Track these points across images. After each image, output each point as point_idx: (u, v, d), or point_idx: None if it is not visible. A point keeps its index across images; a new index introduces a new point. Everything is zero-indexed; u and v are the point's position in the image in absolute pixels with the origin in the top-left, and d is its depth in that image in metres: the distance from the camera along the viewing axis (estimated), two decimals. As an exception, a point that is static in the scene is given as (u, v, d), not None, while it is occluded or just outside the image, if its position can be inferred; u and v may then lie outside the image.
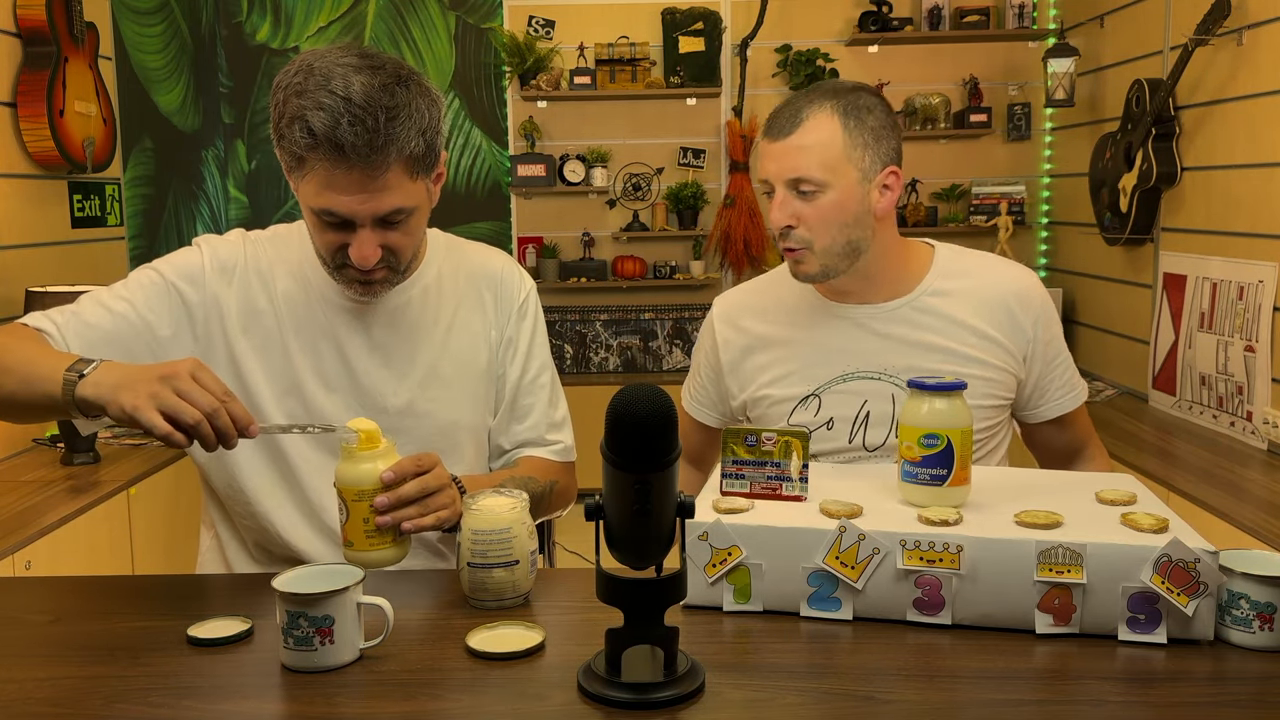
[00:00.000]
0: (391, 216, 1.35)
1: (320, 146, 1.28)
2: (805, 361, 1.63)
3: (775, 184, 1.53)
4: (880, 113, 1.54)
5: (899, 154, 1.57)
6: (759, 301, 1.71)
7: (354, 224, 1.34)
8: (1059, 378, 1.66)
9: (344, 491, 1.25)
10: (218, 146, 4.56)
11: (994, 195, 4.57)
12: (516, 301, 1.60)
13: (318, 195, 1.32)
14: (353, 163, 1.28)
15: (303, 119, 1.28)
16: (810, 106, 1.51)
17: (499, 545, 1.23)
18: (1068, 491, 1.31)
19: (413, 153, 1.32)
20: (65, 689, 1.05)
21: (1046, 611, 1.13)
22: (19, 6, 2.93)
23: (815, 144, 1.50)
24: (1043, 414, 1.67)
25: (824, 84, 1.56)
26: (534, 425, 1.60)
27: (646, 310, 4.74)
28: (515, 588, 1.25)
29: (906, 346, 1.60)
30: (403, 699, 1.03)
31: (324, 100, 1.27)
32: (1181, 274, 3.26)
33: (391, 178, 1.32)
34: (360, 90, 1.28)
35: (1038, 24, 4.45)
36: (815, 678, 1.06)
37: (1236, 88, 2.98)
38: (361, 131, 1.27)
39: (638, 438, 0.96)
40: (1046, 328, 1.63)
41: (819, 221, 1.52)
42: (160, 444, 1.25)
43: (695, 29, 4.50)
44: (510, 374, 1.58)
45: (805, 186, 1.51)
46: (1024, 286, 1.64)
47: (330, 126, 1.26)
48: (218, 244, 1.50)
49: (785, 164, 1.51)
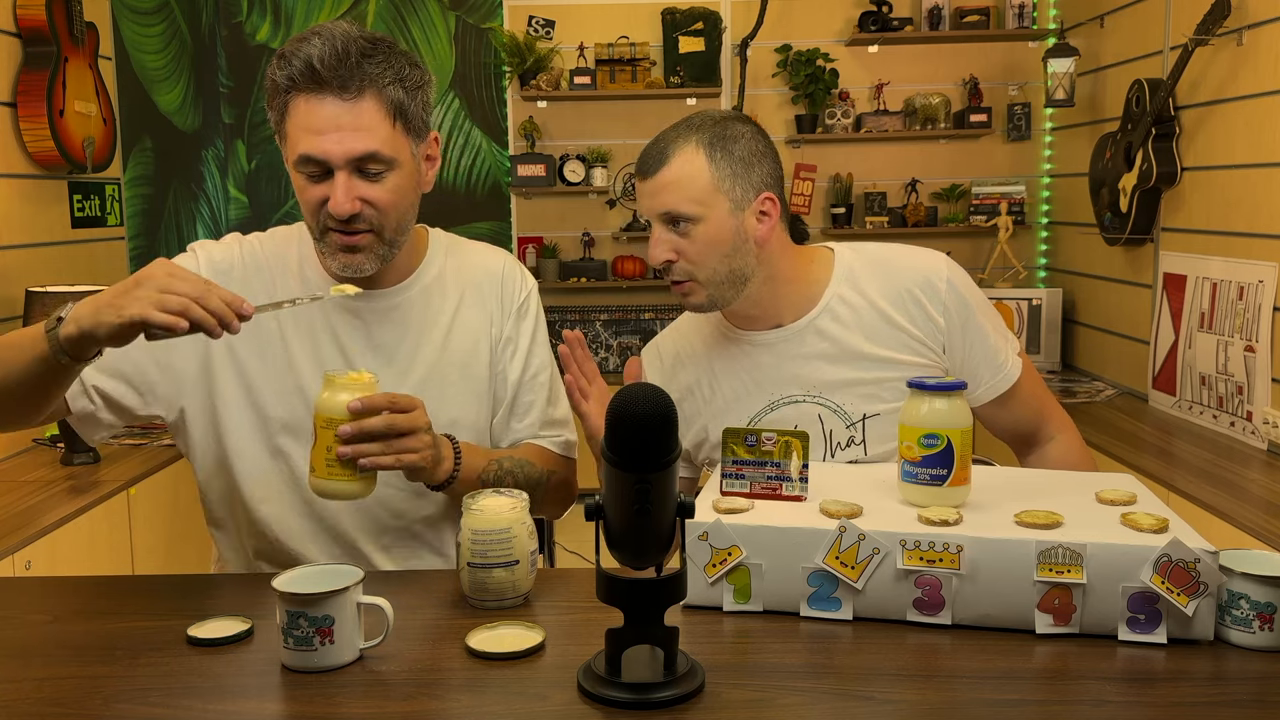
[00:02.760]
0: (368, 164, 1.37)
1: (297, 78, 1.34)
2: (732, 397, 1.63)
3: (651, 220, 1.54)
4: (749, 140, 1.53)
5: (776, 179, 1.56)
6: (680, 347, 1.71)
7: (331, 173, 1.36)
8: (983, 360, 1.60)
9: (316, 418, 1.26)
10: (218, 146, 4.56)
11: (994, 195, 4.56)
12: (517, 300, 1.60)
13: (296, 143, 1.36)
14: (333, 92, 1.33)
15: (283, 57, 1.35)
16: (675, 143, 1.52)
17: (499, 545, 1.23)
18: (1068, 491, 1.31)
19: (391, 97, 1.37)
20: (65, 689, 1.05)
21: (1046, 611, 1.13)
22: (19, 6, 2.93)
23: (682, 178, 1.50)
24: (979, 397, 1.62)
25: (693, 117, 1.56)
26: (533, 423, 1.60)
27: (646, 310, 4.74)
28: (515, 588, 1.25)
29: (825, 361, 1.58)
30: (403, 699, 1.03)
31: (305, 38, 1.35)
32: (1181, 274, 3.26)
33: (366, 114, 1.35)
34: (340, 31, 1.35)
35: (1038, 24, 4.45)
36: (815, 678, 1.06)
37: (1236, 88, 2.98)
38: (335, 55, 1.33)
39: (638, 438, 0.96)
40: (957, 313, 1.58)
41: (697, 254, 1.52)
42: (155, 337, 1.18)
43: (695, 29, 4.50)
44: (510, 372, 1.58)
45: (678, 220, 1.51)
46: (926, 275, 1.59)
47: (306, 55, 1.33)
48: (212, 248, 1.51)
49: (656, 201, 1.52)
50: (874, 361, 1.57)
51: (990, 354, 1.61)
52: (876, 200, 4.63)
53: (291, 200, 4.67)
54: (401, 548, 1.53)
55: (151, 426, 3.19)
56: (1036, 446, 1.70)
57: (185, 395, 1.48)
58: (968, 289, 1.61)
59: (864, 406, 1.57)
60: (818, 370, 1.59)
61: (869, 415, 1.57)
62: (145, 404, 1.47)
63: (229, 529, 1.55)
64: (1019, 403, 1.65)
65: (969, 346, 1.60)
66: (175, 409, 1.49)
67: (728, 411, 1.62)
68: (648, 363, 1.73)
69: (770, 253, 1.56)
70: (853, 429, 1.57)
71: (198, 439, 1.50)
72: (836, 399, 1.58)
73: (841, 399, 1.58)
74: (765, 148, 1.55)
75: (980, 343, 1.60)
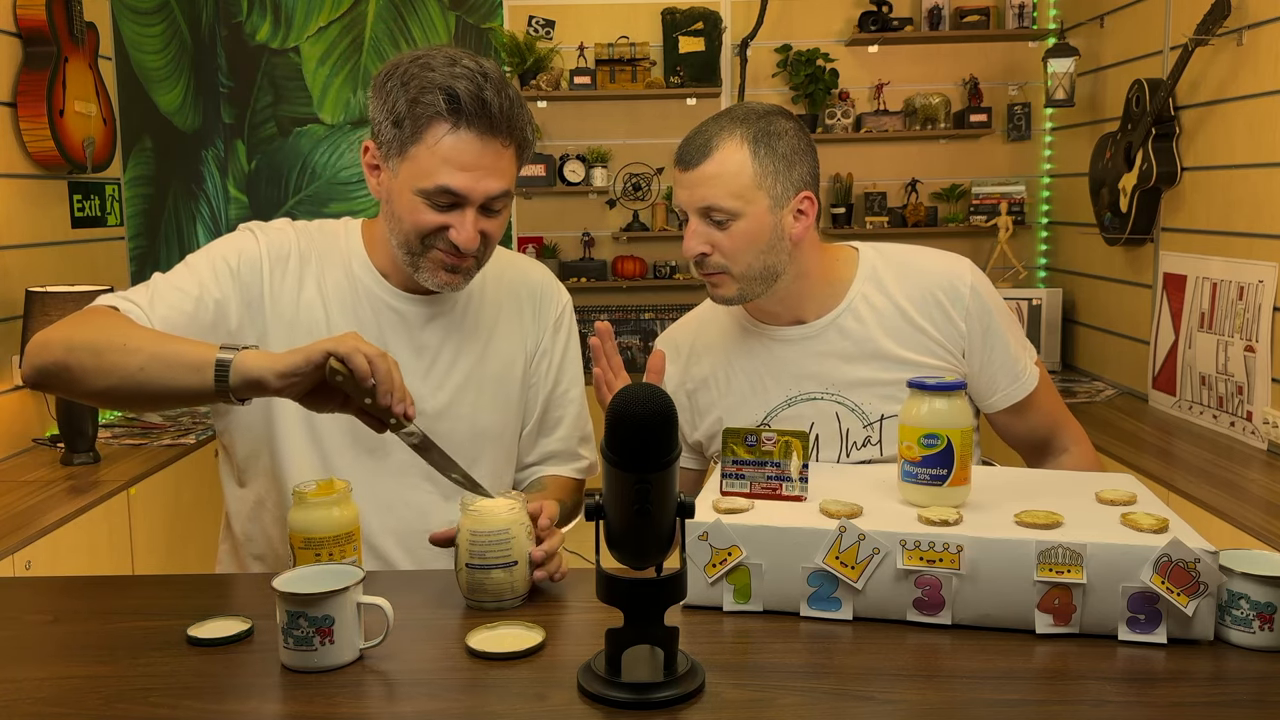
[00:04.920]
0: (496, 201, 1.40)
1: (463, 112, 1.34)
2: (748, 392, 1.62)
3: (688, 212, 1.53)
4: (791, 138, 1.52)
5: (814, 178, 1.56)
6: (697, 336, 1.70)
7: (461, 205, 1.38)
8: (1002, 367, 1.61)
9: (293, 538, 1.25)
10: (218, 146, 4.56)
11: (994, 195, 4.56)
12: (553, 315, 1.61)
13: (435, 172, 1.35)
14: (488, 133, 1.35)
15: (444, 86, 1.34)
16: (720, 136, 1.50)
17: (497, 546, 1.23)
18: (1068, 491, 1.31)
19: (526, 141, 1.41)
20: (65, 689, 1.05)
21: (1046, 611, 1.13)
22: (19, 6, 2.93)
23: (724, 173, 1.49)
24: (995, 404, 1.63)
25: (737, 109, 1.55)
26: (562, 438, 1.61)
27: (646, 310, 4.74)
28: (514, 589, 1.25)
29: (845, 360, 1.58)
30: (403, 699, 1.03)
31: (462, 72, 1.35)
32: (1181, 274, 3.26)
33: (509, 158, 1.39)
34: (494, 70, 1.37)
35: (1038, 24, 4.45)
36: (815, 678, 1.06)
37: (1236, 88, 2.98)
38: (505, 101, 1.35)
39: (638, 438, 0.96)
40: (979, 319, 1.59)
41: (732, 249, 1.51)
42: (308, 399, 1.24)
43: (695, 29, 4.50)
44: (543, 386, 1.59)
45: (717, 215, 1.50)
46: (950, 279, 1.59)
47: (475, 91, 1.33)
48: (272, 233, 1.50)
49: (696, 193, 1.51)
50: (894, 362, 1.57)
51: (1010, 361, 1.62)
52: (876, 200, 4.63)
53: (292, 200, 4.67)
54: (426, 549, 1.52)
55: (152, 426, 3.19)
56: (1050, 457, 1.71)
57: None
58: (990, 295, 1.62)
59: (882, 406, 1.57)
60: (838, 368, 1.59)
61: (887, 415, 1.57)
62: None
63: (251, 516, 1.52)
64: (1035, 411, 1.66)
65: (989, 352, 1.60)
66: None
67: (744, 405, 1.62)
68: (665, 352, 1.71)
69: (802, 251, 1.56)
70: (870, 429, 1.57)
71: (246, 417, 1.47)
72: (855, 398, 1.58)
73: (860, 398, 1.58)
74: (806, 146, 1.55)
75: (1000, 350, 1.61)
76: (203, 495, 3.03)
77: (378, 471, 1.47)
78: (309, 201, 4.68)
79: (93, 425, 2.76)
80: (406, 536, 1.50)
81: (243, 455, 1.50)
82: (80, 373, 1.26)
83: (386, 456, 1.48)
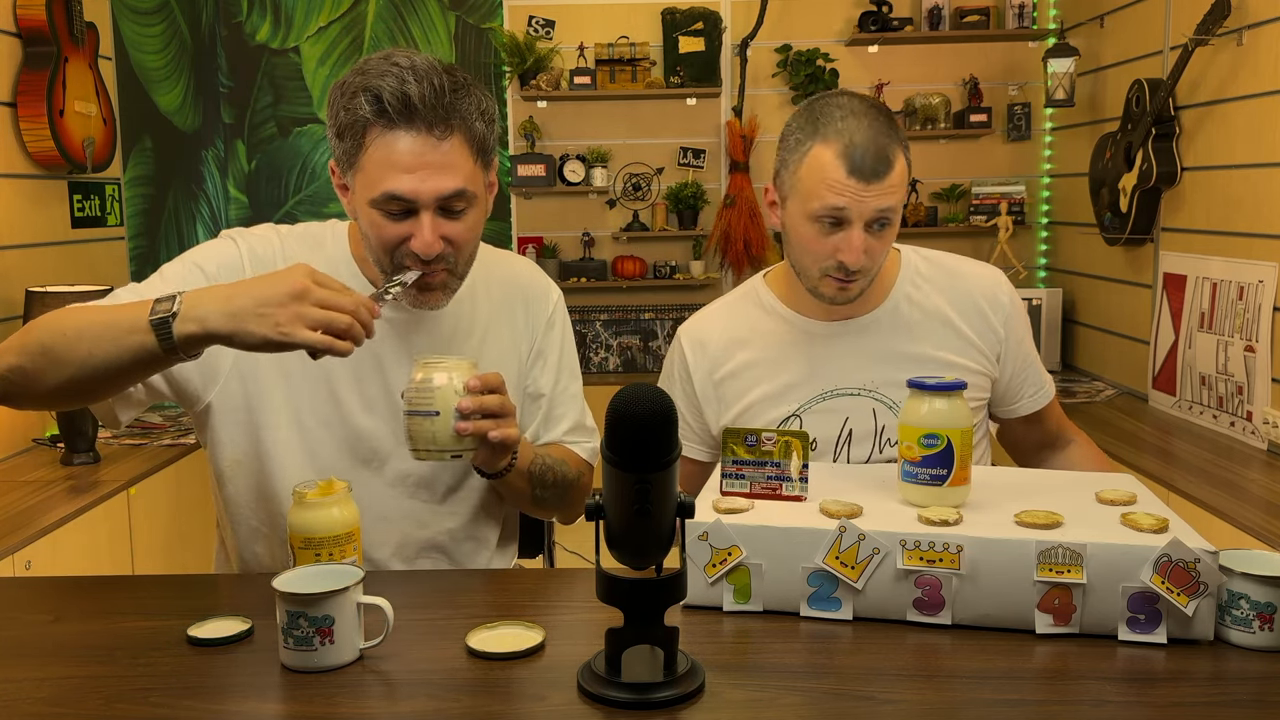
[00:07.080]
0: (453, 201, 1.33)
1: (386, 111, 1.29)
2: (783, 383, 1.62)
3: (855, 221, 1.49)
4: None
5: None
6: (728, 326, 1.68)
7: (415, 210, 1.32)
8: (1029, 376, 1.67)
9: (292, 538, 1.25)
10: (218, 146, 4.56)
11: (994, 195, 4.56)
12: (546, 313, 1.60)
13: (381, 179, 1.30)
14: (418, 128, 1.29)
15: (367, 88, 1.29)
16: (891, 145, 1.48)
17: (422, 395, 1.26)
18: (1068, 491, 1.31)
19: (474, 131, 1.33)
20: (65, 689, 1.05)
21: (1046, 611, 1.13)
22: (19, 6, 2.92)
23: (901, 182, 1.50)
24: (1016, 411, 1.68)
25: (869, 104, 1.52)
26: (567, 430, 1.60)
27: (646, 310, 4.74)
28: (434, 440, 1.26)
29: (883, 359, 1.59)
30: (403, 699, 1.03)
31: (388, 70, 1.30)
32: (1181, 274, 3.26)
33: (454, 152, 1.31)
34: (423, 62, 1.31)
35: (1038, 24, 4.45)
36: (815, 678, 1.06)
37: (1236, 88, 2.98)
38: (428, 90, 1.28)
39: (638, 438, 0.96)
40: (1017, 327, 1.64)
41: (881, 251, 1.52)
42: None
43: (695, 29, 4.50)
44: (543, 386, 1.58)
45: (883, 221, 1.50)
46: (992, 286, 1.64)
47: (397, 87, 1.28)
48: (253, 239, 1.46)
49: (881, 201, 1.48)
50: (933, 362, 1.58)
51: (1035, 372, 1.67)
52: (876, 200, 4.62)
53: (291, 201, 4.67)
54: (424, 559, 1.52)
55: (152, 426, 3.19)
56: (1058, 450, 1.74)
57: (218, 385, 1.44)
58: (1021, 306, 1.67)
59: None
60: (878, 366, 1.59)
61: None
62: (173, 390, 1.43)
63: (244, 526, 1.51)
64: (1047, 419, 1.72)
65: (1021, 359, 1.65)
66: (205, 399, 1.45)
67: (777, 396, 1.62)
68: (689, 348, 1.68)
69: None
70: None
71: (227, 430, 1.46)
72: (893, 395, 1.59)
73: (898, 396, 1.58)
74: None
75: (1030, 359, 1.66)
76: (203, 495, 3.02)
77: (373, 482, 1.47)
78: (309, 202, 4.68)
79: (93, 425, 2.76)
80: (403, 546, 1.50)
81: (227, 463, 1.48)
82: (35, 371, 1.21)
83: (382, 467, 1.47)
